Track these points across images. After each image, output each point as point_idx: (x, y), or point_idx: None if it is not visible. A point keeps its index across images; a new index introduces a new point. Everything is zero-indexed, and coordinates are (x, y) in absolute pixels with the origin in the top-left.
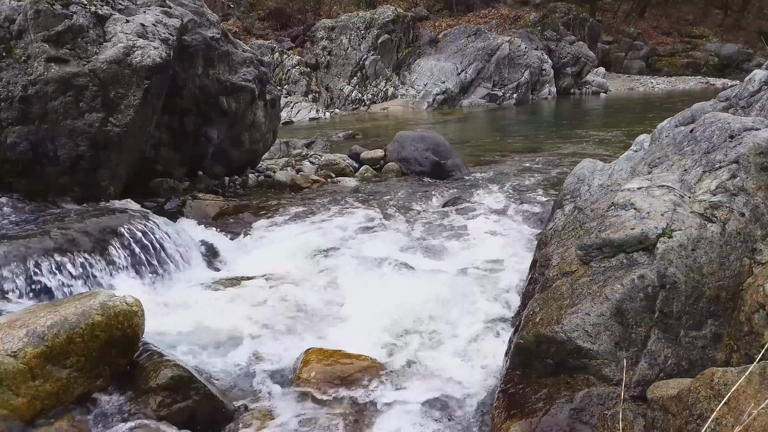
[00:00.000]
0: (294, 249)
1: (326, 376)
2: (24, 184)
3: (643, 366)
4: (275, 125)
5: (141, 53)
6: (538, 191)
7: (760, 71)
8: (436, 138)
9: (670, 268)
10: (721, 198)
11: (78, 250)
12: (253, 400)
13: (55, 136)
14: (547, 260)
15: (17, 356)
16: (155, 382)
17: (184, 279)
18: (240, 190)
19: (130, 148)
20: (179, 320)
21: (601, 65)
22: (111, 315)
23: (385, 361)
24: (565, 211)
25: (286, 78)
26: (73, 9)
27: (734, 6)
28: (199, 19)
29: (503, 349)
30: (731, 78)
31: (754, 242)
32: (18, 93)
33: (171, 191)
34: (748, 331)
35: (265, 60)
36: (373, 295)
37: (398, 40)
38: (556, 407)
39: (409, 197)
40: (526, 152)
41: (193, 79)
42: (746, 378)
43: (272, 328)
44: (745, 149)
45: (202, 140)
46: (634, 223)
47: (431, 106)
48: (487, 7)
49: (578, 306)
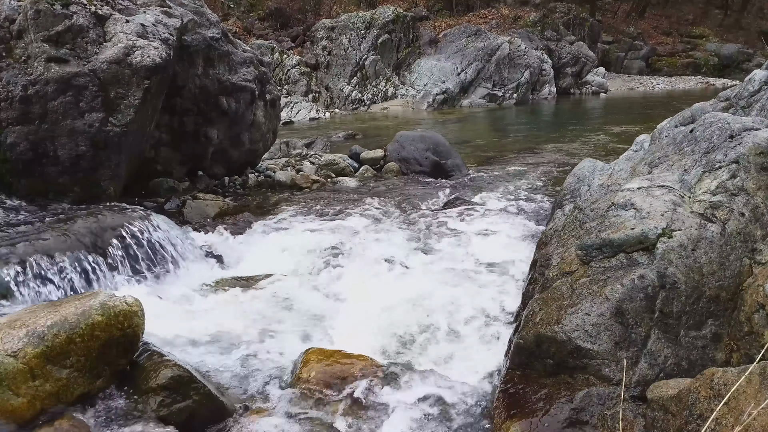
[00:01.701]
0: (294, 249)
1: (326, 376)
2: (24, 184)
3: (643, 366)
4: (275, 125)
5: (141, 53)
6: (537, 191)
7: (760, 71)
8: (436, 138)
9: (670, 268)
10: (721, 198)
11: (78, 250)
12: (253, 400)
13: (55, 136)
14: (547, 260)
15: (17, 356)
16: (155, 382)
17: (183, 279)
18: (240, 190)
19: (130, 148)
20: (179, 320)
21: (601, 65)
22: (111, 315)
23: (385, 361)
24: (565, 211)
25: (286, 78)
26: (73, 9)
27: (734, 6)
28: (199, 19)
29: (503, 349)
30: (731, 78)
31: (754, 242)
32: (18, 93)
33: (171, 191)
34: (748, 331)
35: (265, 60)
36: (373, 294)
37: (398, 40)
38: (556, 407)
39: (409, 197)
40: (526, 152)
41: (193, 79)
42: (746, 378)
43: (272, 327)
44: (745, 149)
45: (202, 140)
46: (634, 223)
47: (431, 106)
48: (487, 7)
49: (578, 306)
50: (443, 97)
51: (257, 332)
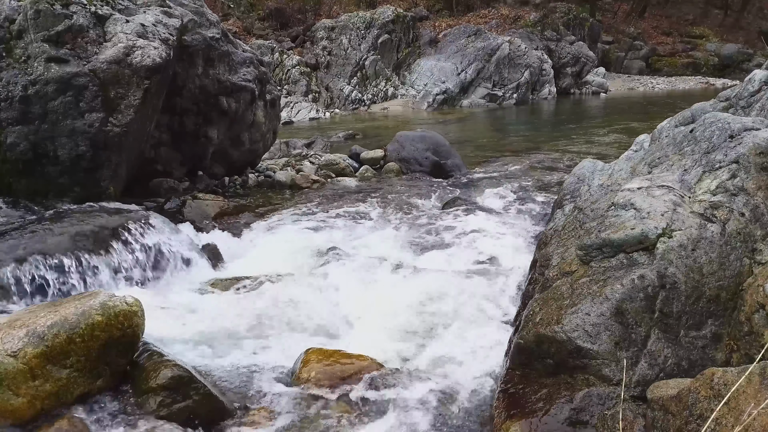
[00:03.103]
0: (294, 249)
1: (326, 376)
2: (24, 184)
3: (643, 366)
4: (275, 125)
5: (141, 53)
6: (538, 191)
7: (760, 71)
8: (436, 138)
9: (670, 268)
10: (721, 198)
11: (78, 251)
12: (253, 400)
13: (55, 136)
14: (547, 260)
15: (17, 356)
16: (155, 382)
17: (183, 279)
18: (240, 190)
19: (130, 148)
20: (179, 320)
21: (601, 65)
22: (111, 315)
23: (385, 360)
24: (565, 211)
25: (286, 78)
26: (73, 9)
27: (734, 6)
28: (199, 19)
29: (503, 349)
30: (731, 78)
31: (754, 242)
32: (18, 93)
33: (171, 191)
34: (748, 331)
35: (265, 60)
36: (373, 294)
37: (398, 40)
38: (556, 407)
39: (409, 197)
40: (525, 152)
41: (193, 79)
42: (746, 378)
43: (272, 327)
44: (745, 149)
45: (202, 140)
46: (634, 223)
47: (431, 106)
48: (487, 7)
49: (578, 306)
50: (443, 97)
51: (257, 332)
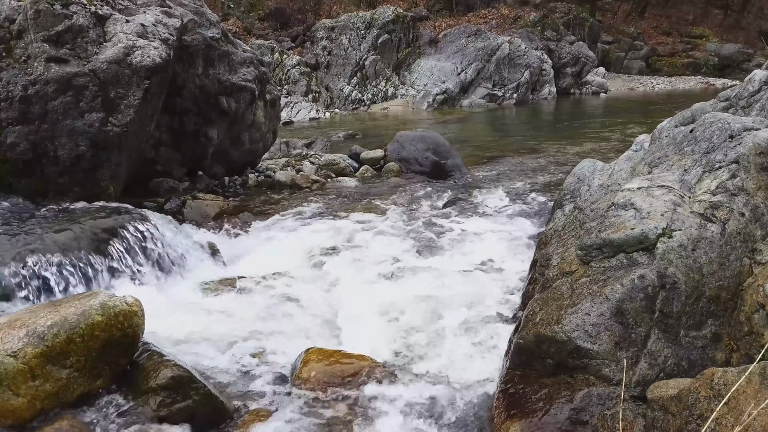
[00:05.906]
0: (294, 249)
1: (326, 376)
2: (24, 184)
3: (643, 366)
4: (275, 125)
5: (141, 53)
6: (538, 191)
7: (760, 71)
8: (436, 138)
9: (670, 268)
10: (721, 198)
11: (78, 250)
12: (253, 399)
13: (55, 136)
14: (547, 260)
15: (17, 356)
16: (155, 382)
17: (183, 279)
18: (240, 190)
19: (130, 148)
20: (179, 320)
21: (601, 65)
22: (111, 315)
23: (385, 360)
24: (565, 211)
25: (286, 78)
26: (73, 9)
27: (734, 6)
28: (199, 19)
29: (503, 349)
30: (731, 78)
31: (754, 242)
32: (18, 93)
33: (171, 191)
34: (748, 331)
35: (265, 60)
36: (373, 294)
37: (398, 40)
38: (556, 407)
39: (409, 197)
40: (526, 152)
41: (193, 79)
42: (746, 378)
43: (272, 327)
44: (745, 149)
45: (202, 140)
46: (634, 223)
47: (431, 106)
48: (487, 7)
49: (578, 306)
50: (443, 97)
51: (257, 332)
